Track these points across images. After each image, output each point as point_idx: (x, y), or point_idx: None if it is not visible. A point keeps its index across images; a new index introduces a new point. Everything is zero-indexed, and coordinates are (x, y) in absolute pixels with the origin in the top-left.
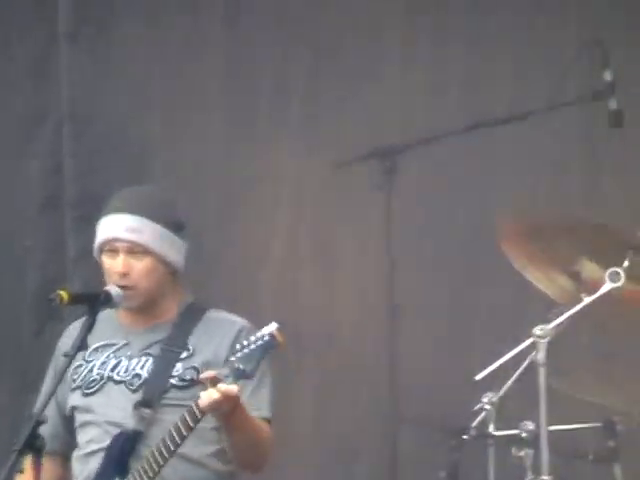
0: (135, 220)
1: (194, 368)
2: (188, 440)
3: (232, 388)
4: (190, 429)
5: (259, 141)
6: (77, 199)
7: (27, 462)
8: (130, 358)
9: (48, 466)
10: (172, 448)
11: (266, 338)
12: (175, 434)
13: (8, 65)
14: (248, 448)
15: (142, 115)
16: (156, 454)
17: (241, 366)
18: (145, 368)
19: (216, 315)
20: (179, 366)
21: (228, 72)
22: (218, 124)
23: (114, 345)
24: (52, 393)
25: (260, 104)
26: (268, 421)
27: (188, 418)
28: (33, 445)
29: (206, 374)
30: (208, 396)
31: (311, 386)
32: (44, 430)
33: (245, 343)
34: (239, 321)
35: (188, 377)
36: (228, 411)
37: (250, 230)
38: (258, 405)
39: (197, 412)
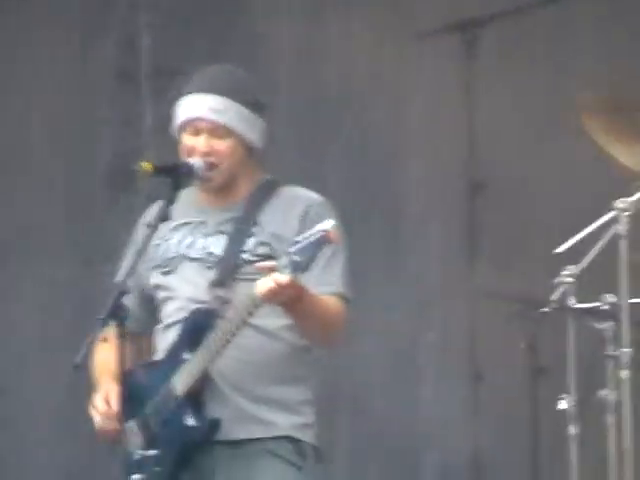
0: (219, 101)
1: (264, 243)
2: (263, 311)
3: (283, 277)
4: (250, 315)
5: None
6: (153, 71)
7: (110, 331)
8: (206, 236)
9: (131, 340)
10: (235, 329)
11: (320, 234)
12: (239, 317)
13: None
14: (317, 330)
15: None
16: (225, 330)
17: (297, 258)
18: (219, 246)
19: (289, 190)
20: (250, 242)
21: None
22: None
23: (190, 224)
24: (134, 265)
25: None
26: (341, 296)
27: (243, 310)
28: (117, 314)
29: (264, 264)
30: (263, 284)
31: None
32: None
33: (303, 236)
34: (310, 196)
35: (259, 251)
36: (288, 301)
37: None
38: (329, 280)
39: (254, 302)
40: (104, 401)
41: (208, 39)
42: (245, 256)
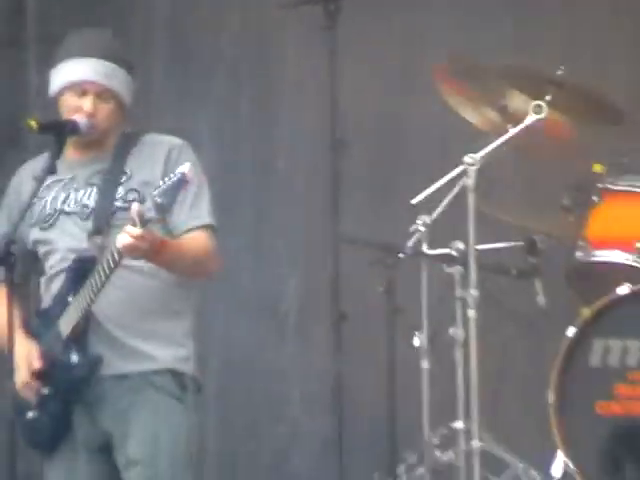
0: (107, 65)
1: (134, 190)
2: None
3: (136, 230)
4: (113, 269)
5: None
6: (38, 37)
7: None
8: (77, 190)
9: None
10: (106, 275)
11: (179, 176)
12: (106, 267)
13: None
14: (188, 269)
15: None
16: (100, 272)
17: (160, 200)
18: (92, 197)
19: (150, 138)
20: (120, 190)
21: None
22: None
23: (61, 180)
24: (18, 218)
25: None
26: (209, 227)
27: (110, 259)
28: (6, 262)
29: (133, 209)
30: (120, 239)
31: None
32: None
33: (164, 180)
34: (170, 140)
35: (130, 198)
36: (146, 253)
37: None
38: (197, 214)
39: (116, 254)
40: (29, 361)
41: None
42: (117, 204)
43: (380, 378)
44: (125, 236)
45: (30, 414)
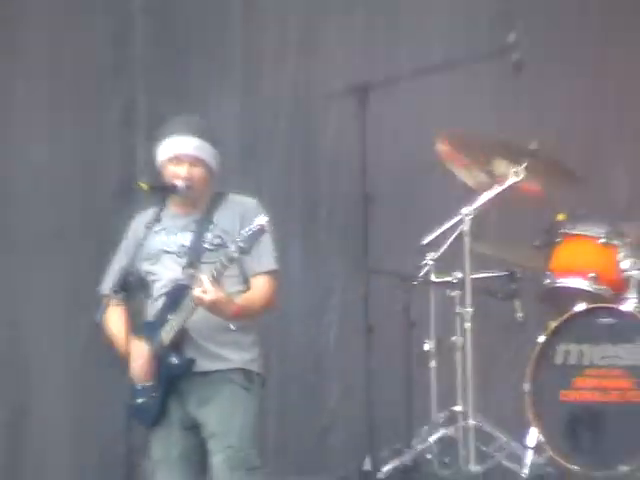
0: (198, 141)
1: (218, 236)
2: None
3: (208, 287)
4: (195, 308)
5: None
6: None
7: (120, 300)
8: (176, 235)
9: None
10: (193, 308)
11: (258, 227)
12: (192, 303)
13: None
14: (253, 316)
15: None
16: (190, 302)
17: (242, 244)
18: (187, 240)
19: (232, 197)
20: (209, 235)
21: None
22: None
23: (165, 228)
24: (133, 255)
25: None
26: (273, 272)
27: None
28: (124, 288)
29: (204, 278)
30: (194, 292)
31: None
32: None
33: (246, 229)
34: (247, 200)
35: (215, 242)
36: (212, 309)
37: None
38: (265, 261)
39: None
40: (141, 360)
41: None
42: (205, 246)
43: (399, 375)
44: (197, 291)
45: (140, 400)
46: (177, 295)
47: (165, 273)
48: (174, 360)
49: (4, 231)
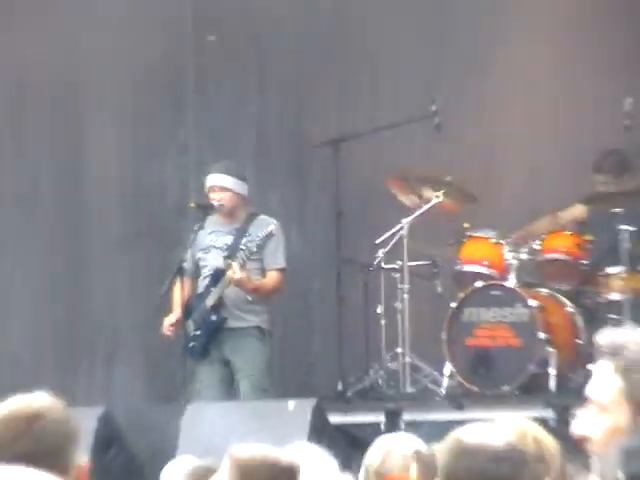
0: (226, 177)
1: (250, 241)
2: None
3: (237, 274)
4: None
5: None
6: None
7: (178, 281)
8: (221, 237)
9: (187, 282)
10: (227, 285)
11: (268, 231)
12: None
13: None
14: (263, 296)
15: None
16: (226, 281)
17: (258, 242)
18: (229, 241)
19: (262, 217)
20: (244, 240)
21: None
22: None
23: (215, 231)
24: (192, 250)
25: None
26: (282, 269)
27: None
28: (180, 271)
29: (235, 265)
30: (229, 274)
31: None
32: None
33: (261, 233)
34: (271, 220)
35: (248, 245)
36: (242, 287)
37: None
38: (277, 260)
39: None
40: (173, 317)
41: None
42: (241, 246)
43: (361, 328)
44: (231, 273)
45: (191, 343)
46: (217, 276)
47: (211, 261)
48: (213, 318)
49: (79, 238)
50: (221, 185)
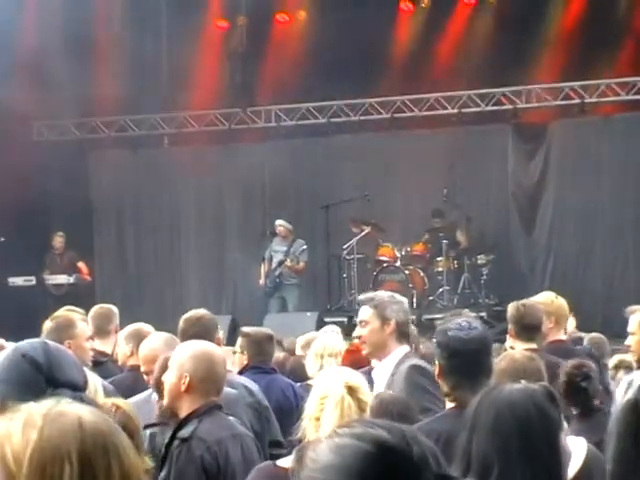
0: (282, 221)
1: (294, 251)
2: None
3: (287, 263)
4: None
5: None
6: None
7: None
8: (280, 246)
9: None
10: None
11: (303, 248)
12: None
13: None
14: (298, 273)
15: None
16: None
17: (298, 254)
18: (284, 248)
19: (298, 240)
20: (290, 250)
21: None
22: None
23: (277, 244)
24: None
25: None
26: (306, 262)
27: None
28: (263, 260)
29: (288, 261)
30: (287, 263)
31: None
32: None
33: (298, 248)
34: (302, 241)
35: (291, 252)
36: (292, 268)
37: None
38: (304, 258)
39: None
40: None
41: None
42: (290, 250)
43: (335, 276)
44: (288, 263)
45: (267, 289)
46: (281, 264)
47: (276, 257)
48: (277, 280)
49: (175, 257)
50: (279, 224)
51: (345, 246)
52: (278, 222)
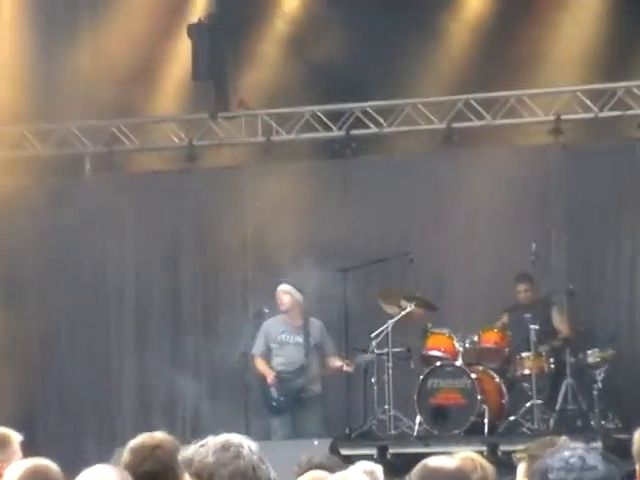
0: (288, 287)
1: (311, 336)
2: None
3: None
4: None
5: None
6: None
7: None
8: (289, 334)
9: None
10: None
11: (321, 326)
12: None
13: None
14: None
15: None
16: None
17: (318, 338)
18: (299, 337)
19: (312, 319)
20: (307, 336)
21: None
22: None
23: (283, 330)
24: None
25: None
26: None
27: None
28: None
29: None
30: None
31: None
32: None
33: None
34: (317, 322)
35: (310, 340)
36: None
37: None
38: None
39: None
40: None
41: None
42: (309, 340)
43: (361, 392)
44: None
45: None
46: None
47: (285, 351)
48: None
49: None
50: (284, 290)
51: (374, 334)
52: (282, 288)
